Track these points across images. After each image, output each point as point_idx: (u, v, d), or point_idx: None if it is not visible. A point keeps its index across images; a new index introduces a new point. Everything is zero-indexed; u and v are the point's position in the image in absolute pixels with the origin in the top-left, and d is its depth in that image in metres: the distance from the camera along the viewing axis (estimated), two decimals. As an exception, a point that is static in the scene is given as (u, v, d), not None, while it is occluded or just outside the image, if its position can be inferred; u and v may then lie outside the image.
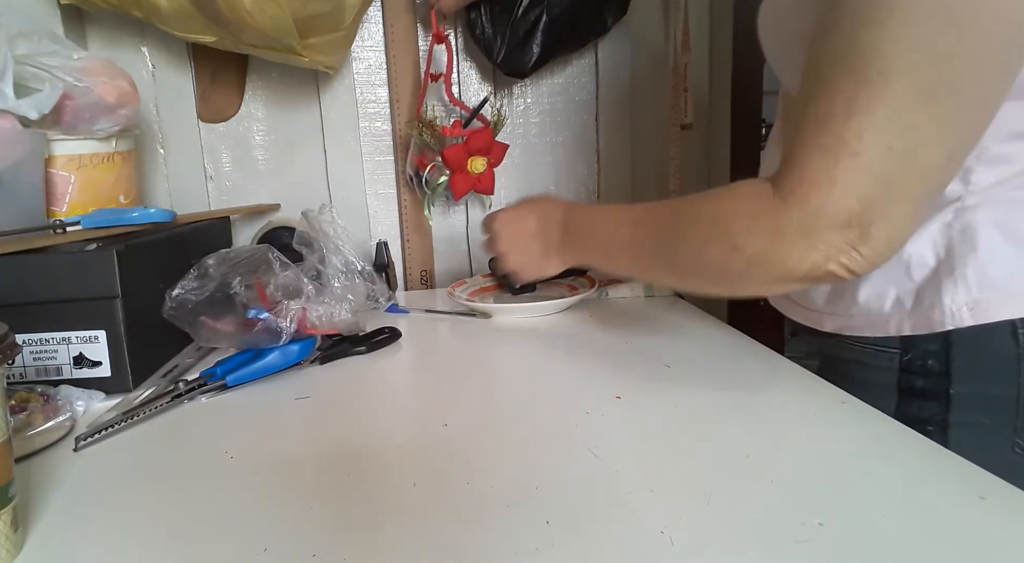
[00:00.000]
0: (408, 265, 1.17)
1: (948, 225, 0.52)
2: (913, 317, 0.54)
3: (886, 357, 0.56)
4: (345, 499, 0.46)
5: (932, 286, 0.53)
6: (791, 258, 0.45)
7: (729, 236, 0.48)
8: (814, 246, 0.44)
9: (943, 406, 0.53)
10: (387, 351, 0.80)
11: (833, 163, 0.42)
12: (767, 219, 0.46)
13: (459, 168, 1.02)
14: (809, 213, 0.43)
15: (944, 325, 0.52)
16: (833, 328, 0.61)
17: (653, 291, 0.99)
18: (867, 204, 0.42)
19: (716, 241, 0.49)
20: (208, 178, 1.12)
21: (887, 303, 0.55)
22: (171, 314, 0.70)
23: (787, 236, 0.45)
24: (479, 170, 1.03)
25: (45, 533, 0.44)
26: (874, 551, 0.38)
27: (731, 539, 0.40)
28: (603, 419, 0.57)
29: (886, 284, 0.55)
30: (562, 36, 1.04)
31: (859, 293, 0.56)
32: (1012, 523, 0.40)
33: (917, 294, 0.54)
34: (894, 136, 0.41)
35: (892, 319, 0.55)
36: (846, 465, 0.48)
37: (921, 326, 0.53)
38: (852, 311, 0.58)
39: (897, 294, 0.55)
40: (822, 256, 0.44)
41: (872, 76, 0.41)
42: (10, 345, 0.42)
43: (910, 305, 0.54)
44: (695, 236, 0.51)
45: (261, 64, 1.08)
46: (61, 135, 0.81)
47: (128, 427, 0.60)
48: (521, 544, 0.40)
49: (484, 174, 1.04)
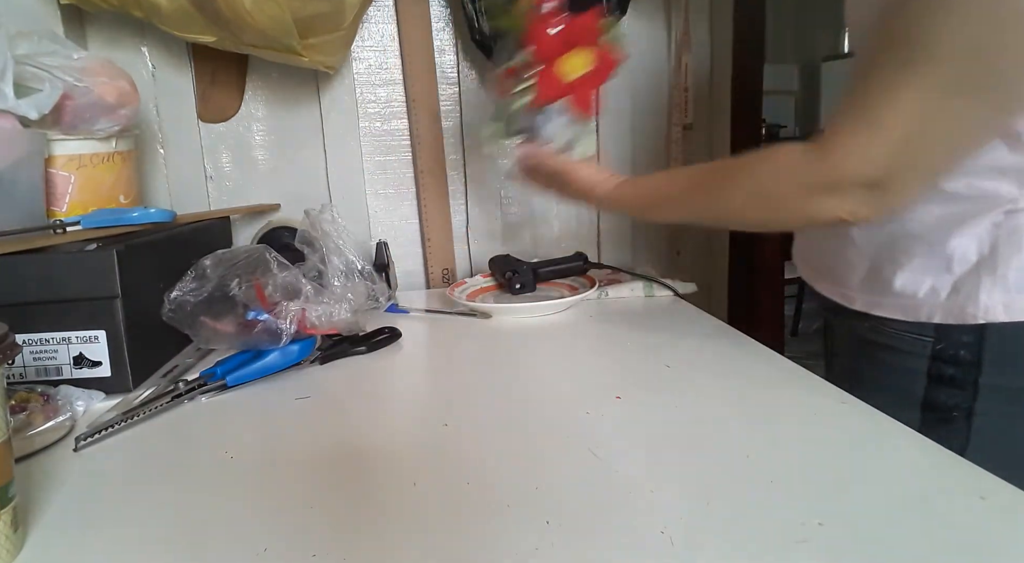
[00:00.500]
0: (429, 264, 1.17)
1: (997, 225, 0.54)
2: (945, 307, 0.56)
3: (920, 344, 0.58)
4: (345, 499, 0.46)
5: (971, 281, 0.55)
6: (811, 207, 0.52)
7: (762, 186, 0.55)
8: (834, 197, 0.50)
9: (971, 395, 0.56)
10: (387, 351, 0.80)
11: (863, 131, 0.48)
12: (795, 174, 0.53)
13: (550, 58, 0.70)
14: (833, 172, 0.50)
15: (976, 319, 0.54)
16: (863, 306, 0.63)
17: (653, 291, 0.99)
18: (885, 173, 0.48)
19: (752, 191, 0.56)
20: (208, 178, 1.12)
21: (921, 290, 0.57)
22: (170, 316, 0.70)
23: (811, 189, 0.52)
24: (577, 72, 0.70)
25: (45, 533, 0.44)
26: (874, 551, 0.38)
27: (731, 539, 0.40)
28: (603, 419, 0.57)
29: (924, 273, 0.57)
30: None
31: (896, 280, 0.59)
32: (1012, 523, 0.40)
33: (954, 286, 0.56)
34: (921, 116, 0.46)
35: (924, 306, 0.57)
36: (846, 465, 0.48)
37: (952, 316, 0.56)
38: (886, 294, 0.60)
39: (933, 284, 0.57)
40: (838, 209, 0.51)
41: (914, 59, 0.46)
42: (10, 345, 0.42)
43: (945, 295, 0.56)
44: (736, 184, 0.58)
45: (261, 64, 1.08)
46: (61, 135, 0.81)
47: (128, 427, 0.60)
48: (521, 544, 0.40)
49: (584, 80, 0.71)
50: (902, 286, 0.58)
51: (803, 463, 0.48)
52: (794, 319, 2.99)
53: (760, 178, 0.56)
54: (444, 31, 1.12)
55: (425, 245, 1.16)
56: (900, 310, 0.59)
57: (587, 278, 1.00)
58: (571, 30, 0.71)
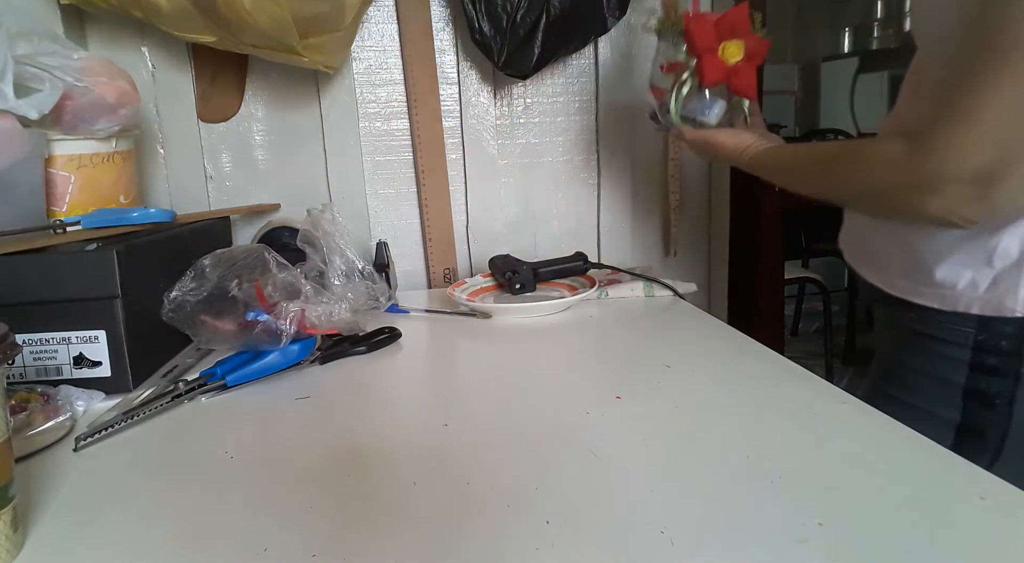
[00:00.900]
0: (431, 264, 1.17)
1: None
2: (983, 299, 0.58)
3: (962, 335, 0.60)
4: (345, 499, 0.46)
5: (1011, 275, 0.57)
6: (914, 203, 0.53)
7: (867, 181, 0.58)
8: (935, 196, 0.51)
9: (1012, 383, 0.58)
10: (387, 351, 0.80)
11: (959, 129, 0.49)
12: (896, 171, 0.54)
13: (708, 49, 0.81)
14: (931, 169, 0.51)
15: (1014, 312, 0.57)
16: (904, 293, 0.65)
17: (653, 291, 0.99)
18: (984, 166, 0.48)
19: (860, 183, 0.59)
20: (208, 178, 1.12)
21: (961, 282, 0.59)
22: (170, 317, 0.70)
23: (910, 189, 0.53)
24: (736, 57, 0.81)
25: (45, 533, 0.44)
26: (874, 551, 0.38)
27: (731, 539, 0.40)
28: (603, 419, 0.57)
29: (964, 266, 0.59)
30: (562, 36, 1.04)
31: (937, 271, 0.60)
32: (1012, 523, 0.40)
33: (993, 280, 0.58)
34: (1013, 107, 0.47)
35: (962, 297, 0.59)
36: (846, 465, 0.48)
37: (990, 308, 0.58)
38: (927, 284, 0.62)
39: (973, 277, 0.58)
40: (944, 205, 0.51)
41: (998, 51, 0.47)
42: (10, 345, 0.42)
43: (984, 288, 0.58)
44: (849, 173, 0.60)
45: (261, 64, 1.08)
46: (61, 135, 0.81)
47: (128, 427, 0.60)
48: (521, 544, 0.40)
49: (742, 66, 0.81)
50: (943, 277, 0.60)
51: (803, 463, 0.48)
52: (794, 319, 2.99)
53: (865, 173, 0.58)
54: (444, 31, 1.12)
55: (427, 245, 1.17)
56: (939, 300, 0.61)
57: (587, 278, 1.00)
58: (725, 22, 0.81)
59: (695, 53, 0.81)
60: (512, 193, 1.19)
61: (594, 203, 1.21)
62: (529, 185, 1.19)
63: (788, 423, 0.55)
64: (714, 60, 0.81)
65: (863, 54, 3.78)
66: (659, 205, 1.23)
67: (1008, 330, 0.58)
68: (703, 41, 0.80)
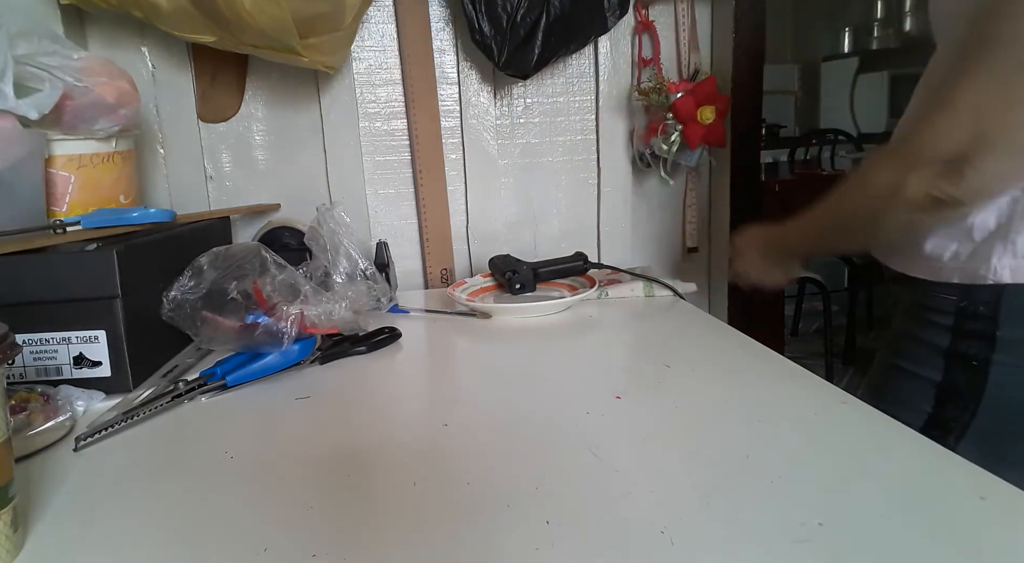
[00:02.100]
0: (428, 265, 1.17)
1: (1016, 200, 0.60)
2: (964, 269, 0.63)
3: (947, 303, 0.66)
4: (345, 499, 0.46)
5: (987, 246, 0.62)
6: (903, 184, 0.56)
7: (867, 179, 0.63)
8: (921, 180, 0.55)
9: (989, 346, 0.63)
10: (387, 351, 0.80)
11: (936, 114, 0.55)
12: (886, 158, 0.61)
13: (690, 118, 1.05)
14: (914, 152, 0.56)
15: (986, 280, 0.62)
16: (898, 266, 0.70)
17: (653, 291, 0.99)
18: (958, 149, 0.53)
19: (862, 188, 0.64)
20: (208, 178, 1.12)
21: (946, 254, 0.64)
22: (170, 316, 0.70)
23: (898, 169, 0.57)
24: (709, 119, 1.05)
25: (45, 533, 0.44)
26: (874, 551, 0.38)
27: (731, 539, 0.40)
28: (603, 419, 0.57)
29: (950, 240, 0.64)
30: (562, 36, 1.04)
31: (926, 244, 0.66)
32: (1012, 523, 0.40)
33: (973, 251, 0.63)
34: (987, 96, 0.52)
35: (946, 268, 0.65)
36: (846, 465, 0.48)
37: (968, 277, 0.63)
38: (917, 258, 0.67)
39: (957, 249, 0.64)
40: (926, 184, 0.55)
41: (978, 47, 0.53)
42: (10, 345, 0.42)
43: (964, 259, 0.63)
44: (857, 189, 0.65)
45: (261, 64, 1.08)
46: (61, 135, 0.81)
47: (128, 427, 0.60)
48: (521, 544, 0.40)
49: (714, 124, 1.06)
50: (931, 250, 0.65)
51: (803, 463, 0.48)
52: (794, 319, 2.99)
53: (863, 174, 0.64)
54: (444, 31, 1.12)
55: (424, 245, 1.17)
56: (928, 271, 0.66)
57: (587, 278, 1.00)
58: (700, 93, 1.06)
59: (680, 121, 1.07)
60: (512, 193, 1.19)
61: (594, 203, 1.21)
62: (529, 185, 1.19)
63: (788, 423, 0.55)
64: (695, 126, 1.06)
65: (863, 54, 3.78)
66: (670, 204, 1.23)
67: (985, 296, 0.62)
68: (686, 113, 1.06)
